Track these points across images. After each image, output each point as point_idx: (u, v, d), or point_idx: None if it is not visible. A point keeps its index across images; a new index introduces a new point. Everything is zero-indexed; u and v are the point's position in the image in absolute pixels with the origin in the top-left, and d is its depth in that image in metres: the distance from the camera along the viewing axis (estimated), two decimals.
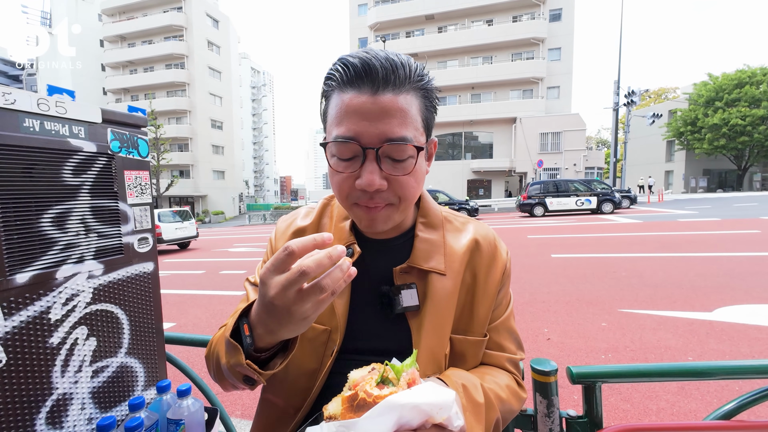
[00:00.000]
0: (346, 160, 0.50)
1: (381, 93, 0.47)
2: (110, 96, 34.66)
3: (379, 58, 0.47)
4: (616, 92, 22.13)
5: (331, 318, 0.57)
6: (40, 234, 0.68)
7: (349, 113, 0.47)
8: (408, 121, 0.48)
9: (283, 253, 0.39)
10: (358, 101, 0.47)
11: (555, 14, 26.67)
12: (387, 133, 0.47)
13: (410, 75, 0.49)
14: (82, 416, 0.74)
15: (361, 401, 0.37)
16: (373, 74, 0.47)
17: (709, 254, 5.72)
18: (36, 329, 0.67)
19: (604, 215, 14.09)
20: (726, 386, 2.13)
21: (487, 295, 0.60)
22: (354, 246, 0.59)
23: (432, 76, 0.54)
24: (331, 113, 0.51)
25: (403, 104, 0.48)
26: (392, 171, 0.49)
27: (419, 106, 0.50)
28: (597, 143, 49.18)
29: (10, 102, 0.63)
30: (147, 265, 0.88)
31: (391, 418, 0.35)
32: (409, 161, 0.50)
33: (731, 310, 3.32)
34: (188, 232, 11.51)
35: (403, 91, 0.48)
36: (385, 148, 0.48)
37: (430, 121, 0.54)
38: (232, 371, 0.49)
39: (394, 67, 0.47)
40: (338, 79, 0.49)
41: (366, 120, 0.47)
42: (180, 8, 32.58)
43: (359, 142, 0.48)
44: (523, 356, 0.66)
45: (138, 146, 0.87)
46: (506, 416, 0.58)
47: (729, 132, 25.87)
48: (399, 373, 0.40)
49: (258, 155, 63.05)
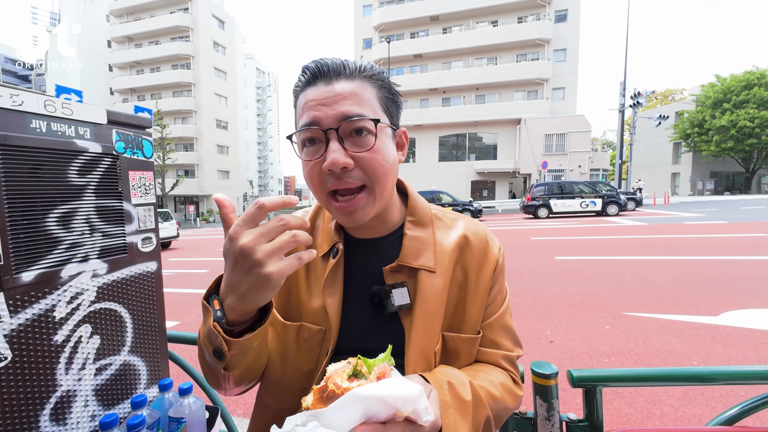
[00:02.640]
0: (311, 146, 0.52)
1: (335, 82, 0.51)
2: (117, 96, 35.02)
3: (331, 59, 0.53)
4: (622, 93, 21.97)
5: (324, 318, 0.58)
6: (46, 233, 0.69)
7: (308, 105, 0.51)
8: (364, 102, 0.51)
9: (254, 208, 0.42)
10: (315, 92, 0.51)
11: (560, 15, 26.52)
12: (344, 112, 0.50)
13: (361, 69, 0.53)
14: (85, 413, 0.75)
15: (330, 393, 0.37)
16: (325, 70, 0.52)
17: (716, 257, 5.65)
18: (41, 327, 0.68)
19: (609, 217, 13.99)
20: (731, 391, 2.11)
21: (479, 291, 0.60)
22: (338, 245, 0.60)
23: (388, 76, 0.57)
24: (297, 114, 0.55)
25: (357, 89, 0.52)
26: (354, 148, 0.51)
27: (375, 92, 0.54)
28: (602, 145, 48.88)
29: (18, 103, 0.64)
30: (150, 265, 0.89)
31: (356, 409, 0.35)
32: (369, 137, 0.51)
33: (737, 314, 3.28)
34: (169, 233, 12.03)
35: (356, 79, 0.52)
36: (343, 126, 0.50)
37: (391, 108, 0.56)
38: (206, 345, 0.49)
39: (345, 63, 0.52)
40: (300, 84, 0.54)
41: (323, 105, 0.50)
42: (186, 9, 32.86)
43: (319, 126, 0.50)
44: (521, 353, 0.65)
45: (142, 147, 0.88)
46: (500, 414, 0.57)
47: (737, 134, 25.57)
48: (371, 368, 0.40)
49: (262, 155, 63.38)
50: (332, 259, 0.60)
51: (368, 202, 0.54)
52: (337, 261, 0.59)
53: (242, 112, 41.43)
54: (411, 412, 0.37)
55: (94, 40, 34.74)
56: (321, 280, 0.60)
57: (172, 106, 32.04)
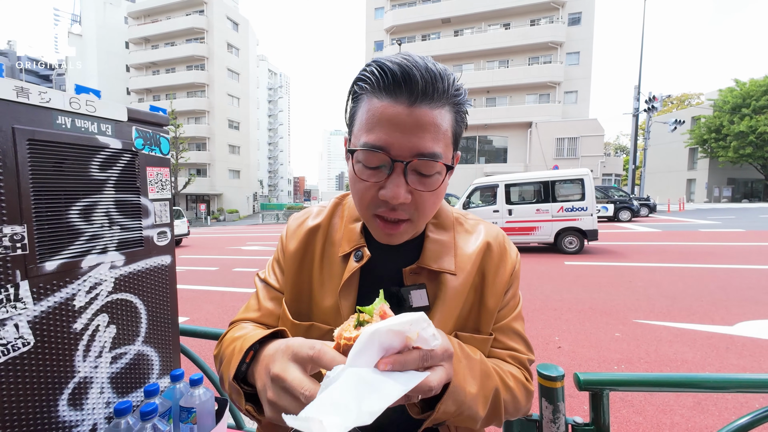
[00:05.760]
0: (372, 168, 0.48)
1: (417, 105, 0.45)
2: (133, 96, 35.87)
3: (419, 68, 0.45)
4: (636, 97, 21.60)
5: (336, 318, 0.58)
6: (68, 225, 0.72)
7: (382, 122, 0.46)
8: (440, 137, 0.47)
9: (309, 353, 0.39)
10: (393, 111, 0.45)
11: (574, 18, 26.24)
12: (419, 147, 0.46)
13: (448, 89, 0.47)
14: (101, 400, 0.77)
15: (344, 347, 0.39)
16: (412, 84, 0.45)
17: (732, 266, 5.51)
18: (62, 315, 0.71)
19: (621, 223, 13.74)
20: (745, 402, 2.05)
21: (494, 294, 0.60)
22: (363, 249, 0.59)
23: (465, 89, 0.52)
24: (360, 117, 0.49)
25: (438, 119, 0.46)
26: (418, 186, 0.48)
27: (451, 121, 0.49)
28: (615, 149, 48.04)
29: (46, 101, 0.68)
30: (165, 258, 0.92)
31: (372, 345, 0.36)
32: (436, 177, 0.49)
33: (753, 324, 3.19)
34: (180, 230, 12.24)
35: (438, 105, 0.47)
36: (414, 163, 0.47)
37: (458, 136, 0.53)
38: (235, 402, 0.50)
39: (434, 80, 0.46)
40: (373, 83, 0.47)
41: (399, 131, 0.45)
42: (202, 11, 33.52)
43: (389, 153, 0.46)
44: (533, 358, 0.64)
45: (160, 144, 0.90)
46: (512, 405, 0.56)
47: (756, 140, 24.85)
48: (371, 312, 0.42)
49: (273, 155, 64.05)
50: (355, 263, 0.58)
51: (408, 230, 0.54)
52: (359, 265, 0.58)
53: (254, 112, 42.00)
54: (418, 338, 0.39)
55: (112, 42, 35.70)
56: (336, 279, 0.59)
57: (186, 107, 32.66)
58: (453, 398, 0.46)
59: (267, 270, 0.68)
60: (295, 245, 0.64)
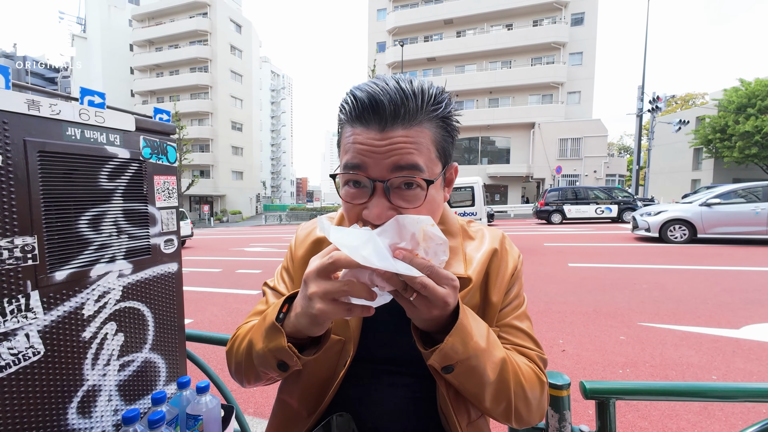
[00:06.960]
0: (354, 188, 0.50)
1: (390, 128, 0.46)
2: (137, 98, 36.14)
3: (388, 92, 0.45)
4: (640, 98, 21.46)
5: (345, 329, 0.59)
6: (78, 235, 0.73)
7: (356, 147, 0.47)
8: (420, 149, 0.47)
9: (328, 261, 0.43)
10: (365, 137, 0.47)
11: (577, 18, 26.16)
12: (396, 163, 0.46)
13: (422, 106, 0.47)
14: (109, 407, 0.78)
15: None
16: (380, 110, 0.45)
17: (738, 268, 5.46)
18: (71, 324, 0.71)
19: (626, 224, 13.65)
20: (753, 408, 2.03)
21: (498, 289, 0.60)
22: None
23: (452, 101, 0.52)
24: (342, 144, 0.51)
25: (415, 137, 0.47)
26: (401, 203, 0.48)
27: (433, 135, 0.49)
28: (619, 150, 47.74)
29: (56, 112, 0.69)
30: (172, 266, 0.93)
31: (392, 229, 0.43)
32: (418, 192, 0.48)
33: (760, 328, 3.16)
34: (183, 232, 12.36)
35: (414, 123, 0.47)
36: (393, 180, 0.47)
37: (447, 149, 0.52)
38: (267, 357, 0.51)
39: (404, 100, 0.46)
40: (347, 113, 0.49)
41: (375, 154, 0.46)
42: (205, 14, 33.73)
43: (366, 174, 0.47)
44: (543, 355, 0.61)
45: (167, 152, 0.91)
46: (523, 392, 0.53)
47: (762, 140, 24.62)
48: None
49: (275, 157, 64.25)
50: None
51: None
52: None
53: (257, 114, 42.21)
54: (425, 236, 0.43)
55: (116, 44, 36.00)
56: None
57: (190, 108, 32.86)
58: (460, 336, 0.46)
59: (276, 278, 0.70)
60: (302, 253, 0.67)
